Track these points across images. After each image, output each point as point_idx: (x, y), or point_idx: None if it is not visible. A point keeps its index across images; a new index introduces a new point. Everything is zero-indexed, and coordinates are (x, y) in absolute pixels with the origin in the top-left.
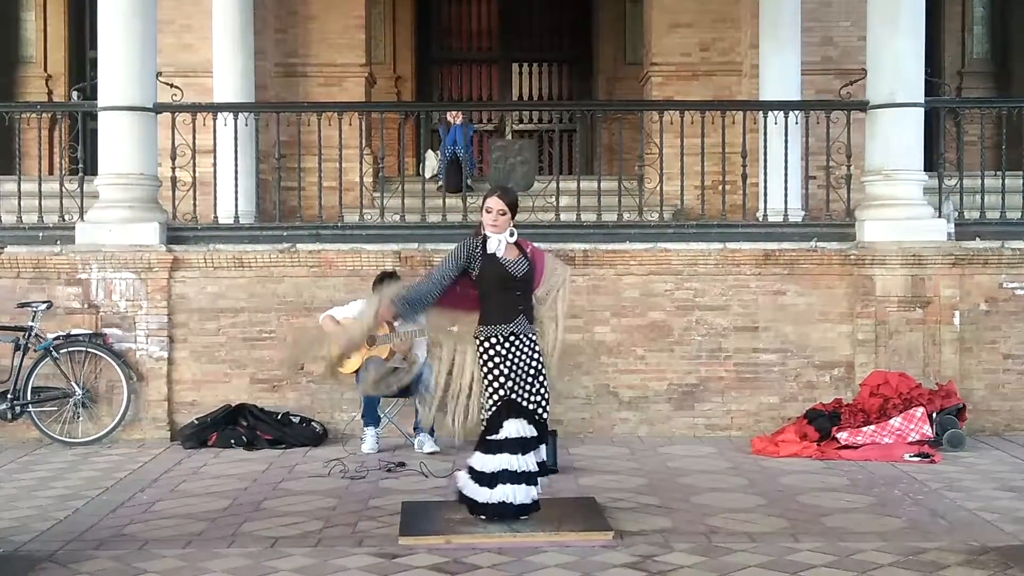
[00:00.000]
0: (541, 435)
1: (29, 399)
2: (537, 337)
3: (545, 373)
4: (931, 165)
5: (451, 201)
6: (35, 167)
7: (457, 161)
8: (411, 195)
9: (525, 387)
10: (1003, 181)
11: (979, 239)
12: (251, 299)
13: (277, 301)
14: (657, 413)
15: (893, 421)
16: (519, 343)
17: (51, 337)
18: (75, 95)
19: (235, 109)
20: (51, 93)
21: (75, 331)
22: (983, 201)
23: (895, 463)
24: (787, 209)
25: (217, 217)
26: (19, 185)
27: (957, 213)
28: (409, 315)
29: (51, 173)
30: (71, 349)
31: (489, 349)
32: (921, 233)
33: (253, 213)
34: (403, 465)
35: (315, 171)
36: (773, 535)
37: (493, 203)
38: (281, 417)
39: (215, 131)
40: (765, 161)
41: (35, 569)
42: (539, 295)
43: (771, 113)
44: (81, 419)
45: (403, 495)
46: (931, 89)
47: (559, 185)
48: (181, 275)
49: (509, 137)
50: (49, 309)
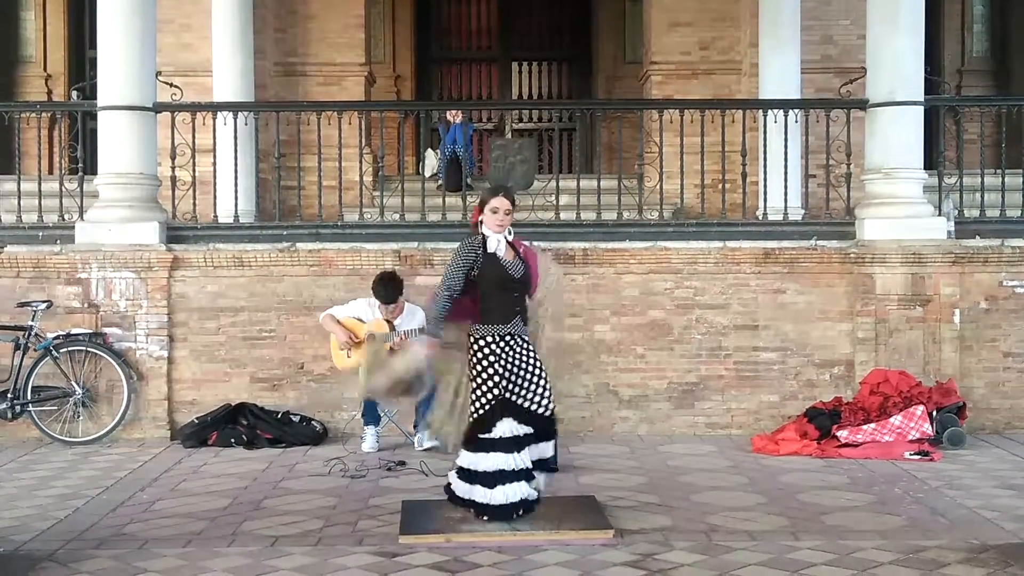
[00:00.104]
0: (548, 430)
1: (29, 398)
2: (530, 338)
3: (544, 368)
4: (931, 163)
5: (451, 200)
6: (35, 167)
7: (457, 160)
8: (411, 194)
9: (521, 385)
10: (1003, 179)
11: (979, 237)
12: (251, 298)
13: (277, 300)
14: (657, 412)
15: (893, 419)
16: (514, 343)
17: (51, 336)
18: (75, 94)
19: (235, 108)
20: (51, 93)
21: (75, 330)
22: (983, 199)
23: (895, 461)
24: (787, 207)
25: (217, 216)
26: (19, 184)
27: (957, 211)
28: (438, 331)
29: (51, 172)
30: (71, 348)
31: (484, 348)
32: (921, 231)
33: (253, 212)
34: (403, 464)
35: (315, 170)
36: (773, 533)
37: (500, 203)
38: (281, 416)
39: (215, 130)
40: (765, 160)
41: (35, 568)
42: (537, 298)
43: (771, 112)
44: (81, 418)
45: (403, 494)
46: (931, 87)
47: (559, 184)
48: (181, 274)
49: (509, 136)
50: (49, 308)
